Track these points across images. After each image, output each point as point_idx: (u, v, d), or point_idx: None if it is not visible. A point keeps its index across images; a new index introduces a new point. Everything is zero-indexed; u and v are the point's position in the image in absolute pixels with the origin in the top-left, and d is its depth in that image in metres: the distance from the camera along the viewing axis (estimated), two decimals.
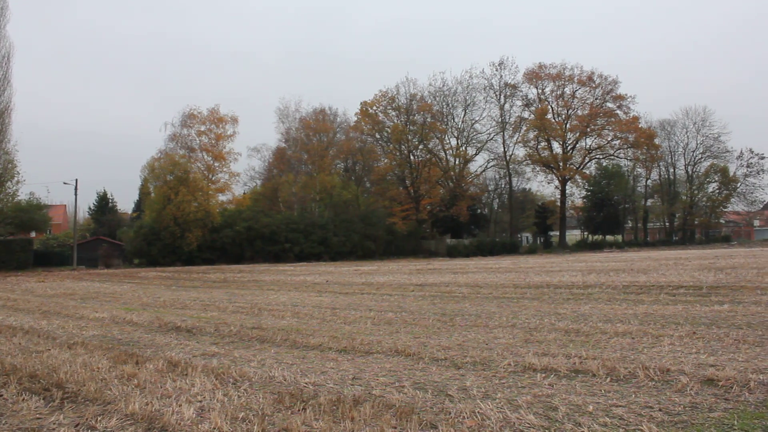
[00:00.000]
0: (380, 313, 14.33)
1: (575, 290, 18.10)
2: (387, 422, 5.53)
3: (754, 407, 5.69)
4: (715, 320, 11.12)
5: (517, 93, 76.82)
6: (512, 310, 13.91)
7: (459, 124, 75.96)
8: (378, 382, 7.18)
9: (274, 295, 20.64)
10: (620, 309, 13.33)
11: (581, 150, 78.14)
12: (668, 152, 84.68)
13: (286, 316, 14.49)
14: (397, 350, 9.13)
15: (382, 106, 73.22)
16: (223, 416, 5.81)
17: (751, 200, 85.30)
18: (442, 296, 18.12)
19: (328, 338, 10.55)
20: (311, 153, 68.51)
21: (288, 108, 70.47)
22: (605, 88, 76.12)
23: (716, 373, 6.85)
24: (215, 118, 63.26)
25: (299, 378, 7.41)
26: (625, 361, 7.72)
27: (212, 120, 63.22)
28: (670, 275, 21.97)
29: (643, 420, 5.38)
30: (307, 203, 69.02)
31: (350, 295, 19.99)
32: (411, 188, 71.92)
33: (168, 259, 57.29)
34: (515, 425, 5.36)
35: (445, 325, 11.91)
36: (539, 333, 10.41)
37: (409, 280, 25.95)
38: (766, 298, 14.24)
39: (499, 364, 7.88)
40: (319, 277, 30.86)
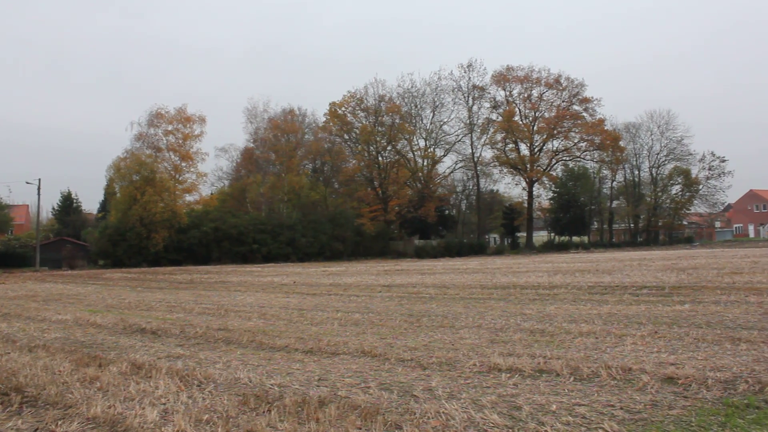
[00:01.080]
0: (347, 314, 14.33)
1: (541, 291, 18.27)
2: (352, 423, 5.53)
3: (712, 404, 5.81)
4: (676, 320, 11.31)
5: (485, 95, 77.32)
6: (479, 310, 14.00)
7: (427, 125, 76.27)
8: (344, 383, 7.18)
9: (240, 297, 20.51)
10: (585, 309, 13.49)
11: (548, 152, 78.88)
12: (633, 155, 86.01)
13: (252, 317, 14.42)
14: (363, 351, 9.14)
15: (350, 107, 73.15)
16: (187, 419, 5.76)
17: (713, 202, 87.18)
18: (410, 297, 18.16)
19: (295, 339, 10.52)
20: (279, 153, 68.20)
21: (256, 108, 70.22)
22: (572, 91, 76.98)
23: (676, 372, 6.98)
24: (182, 118, 62.62)
25: (265, 379, 7.38)
26: (588, 361, 7.81)
27: (179, 119, 62.57)
28: (634, 276, 22.28)
29: (604, 418, 5.45)
30: (275, 204, 68.66)
31: (317, 296, 19.95)
32: (379, 189, 71.95)
33: (134, 260, 56.61)
34: (479, 425, 5.40)
35: (411, 325, 11.95)
36: (505, 333, 10.49)
37: (377, 280, 25.96)
38: (725, 297, 14.52)
39: (464, 364, 7.93)
40: (286, 278, 30.72)
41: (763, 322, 10.62)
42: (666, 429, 5.15)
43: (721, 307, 12.94)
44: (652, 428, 5.19)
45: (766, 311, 11.91)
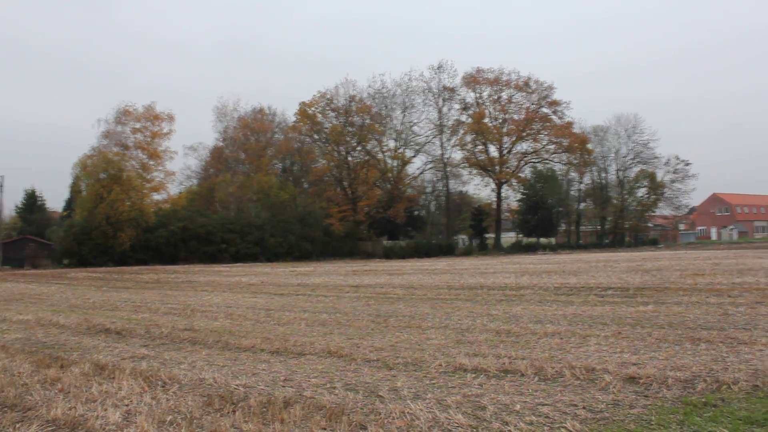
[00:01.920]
0: (314, 314, 14.31)
1: (508, 291, 18.41)
2: (317, 424, 5.54)
3: (671, 403, 5.91)
4: (639, 320, 11.47)
5: (455, 96, 77.56)
6: (446, 311, 14.06)
7: (397, 126, 76.25)
8: (309, 383, 7.17)
9: (207, 296, 20.37)
10: (550, 310, 13.62)
11: (517, 154, 79.46)
12: (600, 157, 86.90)
13: (219, 317, 14.33)
14: (329, 351, 9.14)
15: (320, 107, 72.91)
16: (150, 420, 5.71)
17: (677, 205, 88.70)
18: (377, 297, 18.18)
19: (261, 340, 10.48)
20: (249, 153, 67.85)
21: (226, 107, 69.78)
22: (541, 94, 77.60)
23: (638, 372, 7.09)
24: (151, 116, 61.90)
25: (230, 380, 7.34)
26: (552, 361, 7.90)
27: (148, 117, 61.84)
28: (600, 277, 22.56)
29: (567, 418, 5.52)
30: (243, 203, 68.20)
31: (285, 296, 19.88)
32: (349, 189, 71.86)
33: (99, 259, 55.77)
34: (444, 425, 5.43)
35: (378, 326, 11.97)
36: (471, 334, 10.56)
37: (345, 281, 25.95)
38: (687, 298, 14.77)
39: (430, 364, 7.97)
40: (254, 278, 30.57)
41: (722, 322, 10.83)
42: (627, 428, 5.23)
43: (683, 308, 13.16)
44: (614, 427, 5.26)
45: (725, 312, 12.14)
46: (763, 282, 18.05)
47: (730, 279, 19.53)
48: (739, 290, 16.10)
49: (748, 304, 13.24)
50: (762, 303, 13.39)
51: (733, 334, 9.56)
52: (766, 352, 8.06)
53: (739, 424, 5.19)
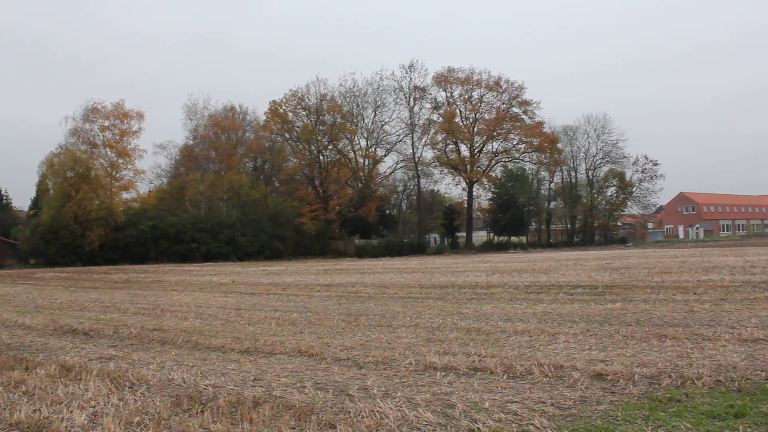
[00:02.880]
0: (285, 313, 14.28)
1: (479, 290, 18.52)
2: (286, 423, 5.53)
3: (637, 399, 6.00)
4: (607, 318, 11.62)
5: (427, 96, 77.62)
6: (416, 309, 14.11)
7: (369, 125, 76.15)
8: (279, 382, 7.16)
9: (178, 296, 20.22)
10: (521, 308, 13.74)
11: (488, 153, 79.77)
12: (570, 157, 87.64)
13: (189, 317, 14.25)
14: (300, 351, 9.13)
15: (291, 106, 72.58)
16: (116, 421, 5.66)
17: (645, 204, 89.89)
18: (348, 296, 18.19)
19: (231, 339, 10.44)
20: (219, 151, 67.31)
21: (196, 105, 69.01)
22: (511, 94, 77.99)
23: (605, 368, 7.18)
24: (120, 113, 61.19)
25: (199, 380, 7.30)
26: (522, 359, 7.97)
27: (117, 115, 61.13)
28: (569, 275, 22.78)
29: (535, 415, 5.57)
30: (214, 202, 67.69)
31: (256, 295, 19.81)
32: (320, 188, 71.65)
33: (67, 259, 54.97)
34: (413, 423, 5.45)
35: (349, 325, 11.98)
36: (442, 332, 10.61)
37: (316, 280, 25.91)
38: (654, 296, 15.00)
39: (400, 363, 7.99)
40: (225, 277, 30.39)
41: (687, 319, 11.01)
42: (593, 424, 5.29)
43: (650, 305, 13.37)
44: (581, 423, 5.32)
45: (691, 309, 12.35)
46: (727, 279, 18.38)
47: (696, 276, 19.84)
48: (705, 287, 16.38)
49: (712, 301, 13.49)
50: (726, 300, 13.66)
51: (697, 330, 9.73)
52: (729, 348, 8.22)
53: (701, 419, 5.28)
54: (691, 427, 5.07)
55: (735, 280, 17.97)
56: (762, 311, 11.66)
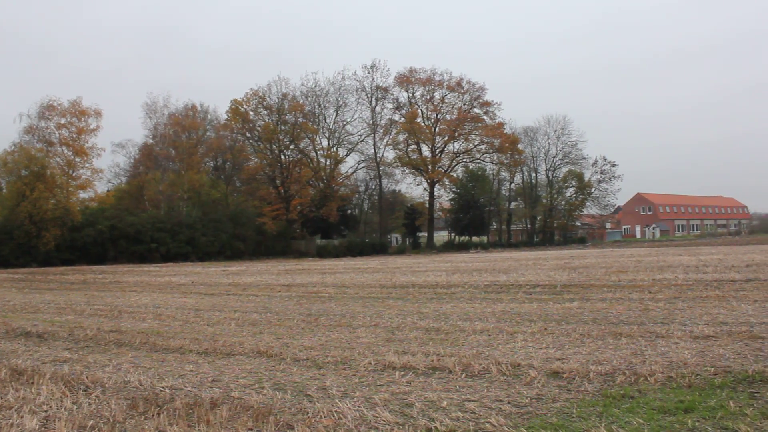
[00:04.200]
0: (245, 314, 14.20)
1: (439, 290, 18.62)
2: (243, 424, 5.50)
3: (592, 396, 6.10)
4: (565, 317, 11.78)
5: (388, 96, 77.79)
6: (377, 309, 14.14)
7: (330, 125, 76.01)
8: (238, 383, 7.12)
9: (136, 297, 19.96)
10: (480, 307, 13.85)
11: (449, 153, 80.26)
12: (531, 157, 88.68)
13: (147, 318, 14.08)
14: (259, 351, 9.09)
15: (253, 105, 72.05)
16: (69, 426, 5.57)
17: (604, 204, 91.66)
18: (309, 296, 18.15)
19: (190, 340, 10.35)
20: (180, 150, 66.48)
21: (156, 103, 67.99)
22: (473, 94, 78.61)
23: (561, 366, 7.29)
24: (77, 111, 59.90)
25: (156, 382, 7.22)
26: (480, 358, 8.04)
27: (73, 113, 59.82)
28: (529, 275, 23.03)
29: (492, 413, 5.62)
30: (174, 202, 66.83)
31: (216, 296, 19.65)
32: (281, 188, 71.29)
33: (22, 260, 53.68)
34: (371, 423, 5.47)
35: (309, 325, 11.96)
36: (401, 332, 10.65)
37: (277, 280, 25.79)
38: (611, 295, 15.26)
39: (359, 363, 8.00)
40: (185, 277, 30.07)
41: (642, 317, 11.22)
42: (549, 421, 5.36)
43: (607, 304, 13.59)
44: (537, 421, 5.39)
45: (645, 307, 12.59)
46: (681, 278, 18.77)
47: (651, 275, 20.22)
48: (659, 286, 16.71)
49: (666, 300, 13.76)
50: (679, 298, 13.95)
51: (652, 328, 9.92)
52: (681, 345, 8.40)
53: (653, 414, 5.40)
54: (643, 423, 5.17)
55: (688, 279, 18.36)
56: (713, 309, 11.94)
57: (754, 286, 15.85)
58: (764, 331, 9.15)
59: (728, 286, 15.94)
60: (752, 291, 14.71)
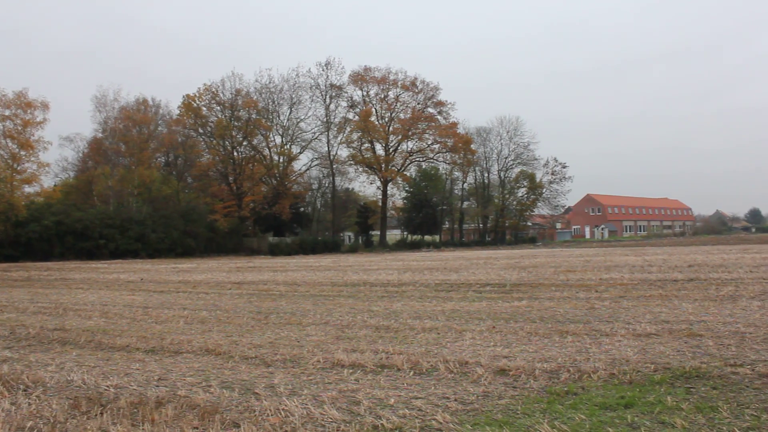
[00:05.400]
0: (194, 311, 14.06)
1: (390, 288, 18.69)
2: (189, 423, 5.46)
3: (537, 393, 6.22)
4: (513, 315, 11.95)
5: (343, 94, 77.58)
6: (327, 307, 14.14)
7: (284, 122, 75.43)
8: (184, 382, 7.06)
9: (82, 294, 19.57)
10: (430, 306, 13.96)
11: (402, 152, 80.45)
12: (483, 158, 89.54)
13: (93, 316, 13.83)
14: (207, 349, 9.02)
15: (206, 100, 71.14)
16: (7, 427, 5.44)
17: (555, 205, 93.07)
18: (260, 294, 18.04)
19: (137, 338, 10.21)
20: (130, 145, 65.26)
21: (106, 96, 66.60)
22: (427, 94, 78.98)
23: (508, 364, 7.40)
24: (22, 103, 58.26)
25: (100, 381, 7.11)
26: (428, 356, 8.10)
27: (18, 104, 58.24)
28: (479, 274, 23.26)
29: (438, 410, 5.69)
30: (124, 198, 65.63)
31: (165, 293, 19.39)
32: (234, 185, 70.57)
33: None
34: (318, 420, 5.48)
35: (259, 323, 11.90)
36: (351, 330, 10.68)
37: (228, 278, 25.57)
38: (558, 294, 15.53)
39: (308, 361, 8.00)
40: (133, 275, 29.58)
41: (588, 316, 11.45)
42: (494, 418, 5.44)
43: (554, 302, 13.83)
44: (482, 417, 5.47)
45: (592, 306, 12.85)
46: (626, 277, 19.20)
47: (599, 275, 20.64)
48: (606, 285, 17.08)
49: (612, 298, 14.07)
50: (624, 297, 14.28)
51: (597, 326, 10.14)
52: (624, 343, 8.61)
53: (595, 410, 5.53)
54: (585, 418, 5.29)
55: (633, 278, 18.80)
56: (656, 307, 12.26)
57: (695, 285, 16.34)
58: (702, 329, 9.44)
59: (671, 286, 16.39)
60: (693, 290, 15.16)
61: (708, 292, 14.73)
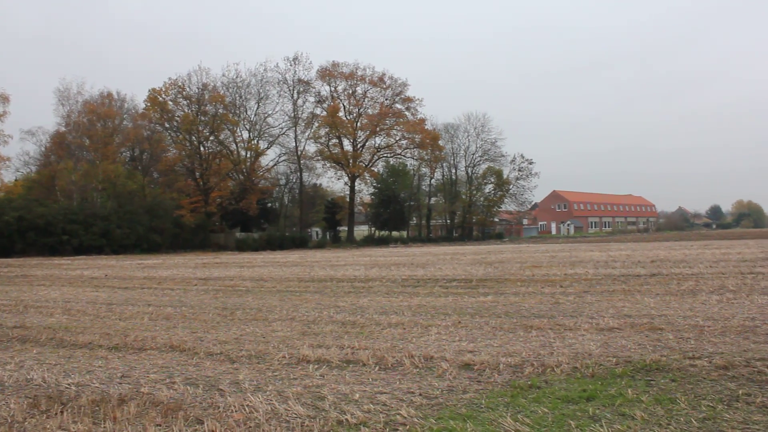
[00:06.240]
0: (159, 308, 13.92)
1: (357, 284, 18.70)
2: (152, 420, 5.40)
3: (501, 387, 6.27)
4: (479, 310, 12.03)
5: (311, 89, 77.42)
6: (293, 303, 14.10)
7: (251, 117, 75.00)
8: (148, 379, 6.99)
9: (44, 291, 19.25)
10: (396, 301, 13.99)
11: (370, 148, 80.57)
12: (451, 154, 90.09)
13: (55, 313, 13.61)
14: (172, 346, 8.95)
15: (172, 94, 70.38)
16: None
17: (521, 201, 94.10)
18: (226, 290, 17.93)
19: (100, 335, 10.09)
20: (94, 139, 64.34)
21: (69, 90, 65.51)
22: (395, 90, 79.20)
23: (473, 358, 7.44)
24: None
25: (61, 379, 7.01)
26: (394, 351, 8.12)
27: None
28: (446, 269, 23.36)
29: (403, 405, 5.70)
30: (88, 193, 64.70)
31: (130, 289, 19.17)
32: (200, 180, 69.98)
33: None
34: (282, 416, 5.46)
35: (224, 319, 11.83)
36: (317, 325, 10.66)
37: (194, 274, 25.37)
38: (524, 289, 15.67)
39: (274, 356, 7.98)
40: (98, 271, 29.19)
41: (552, 311, 11.58)
42: (458, 412, 5.47)
43: (520, 297, 13.95)
44: (446, 411, 5.49)
45: (556, 301, 13.00)
46: (591, 273, 19.45)
47: (564, 270, 20.87)
48: (570, 281, 17.27)
49: (576, 294, 14.24)
50: (588, 292, 14.46)
51: (561, 321, 10.25)
52: (587, 337, 8.72)
53: (557, 403, 5.59)
54: (548, 412, 5.35)
55: (598, 274, 19.05)
56: (619, 302, 12.44)
57: (657, 280, 16.61)
58: (663, 323, 9.61)
59: (634, 281, 16.63)
60: (655, 285, 15.40)
61: (669, 286, 14.98)
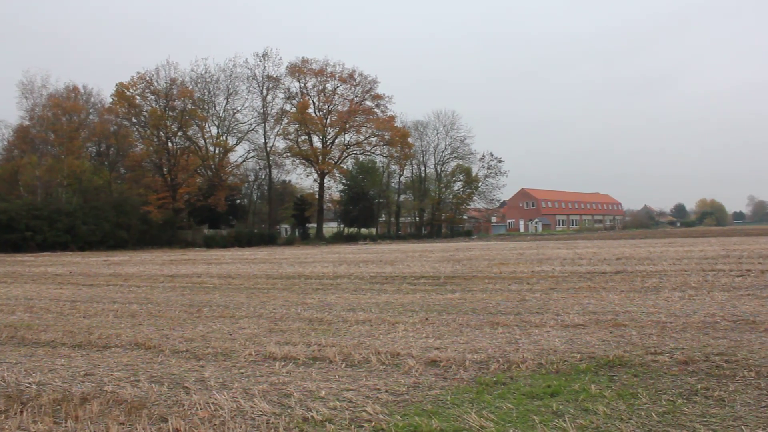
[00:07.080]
0: (125, 305, 13.78)
1: (325, 281, 18.68)
2: (115, 419, 5.35)
3: (466, 383, 6.31)
4: (446, 307, 12.09)
5: (280, 86, 76.91)
6: (261, 300, 14.06)
7: (220, 112, 74.34)
8: (112, 377, 6.91)
9: (6, 288, 18.93)
10: (364, 298, 14.01)
11: (340, 145, 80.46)
12: (420, 151, 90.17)
13: (17, 311, 13.39)
14: (137, 343, 8.86)
15: (139, 89, 69.46)
16: None
17: (490, 199, 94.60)
18: (193, 287, 17.79)
19: (63, 333, 9.95)
20: (60, 134, 63.29)
21: (33, 83, 64.34)
22: (365, 87, 79.07)
23: (439, 355, 7.49)
24: None
25: (22, 378, 6.90)
26: (361, 348, 8.14)
27: None
28: (414, 266, 23.44)
29: (369, 401, 5.72)
30: (52, 188, 63.67)
31: (95, 287, 18.93)
32: (168, 176, 69.17)
33: None
34: (248, 413, 5.44)
35: (191, 316, 11.74)
36: (284, 323, 10.63)
37: (161, 270, 25.13)
38: (491, 286, 15.78)
39: (240, 354, 7.95)
40: (62, 267, 28.77)
41: (519, 308, 11.68)
42: (424, 408, 5.51)
43: (487, 294, 14.04)
44: (412, 408, 5.53)
45: (523, 298, 13.11)
46: (557, 270, 19.65)
47: (531, 268, 21.06)
48: (537, 278, 17.43)
49: (543, 291, 14.38)
50: (554, 289, 14.61)
51: (527, 318, 10.34)
52: (553, 333, 8.82)
53: (522, 399, 5.66)
54: (513, 407, 5.41)
55: (564, 271, 19.26)
56: (584, 299, 12.59)
57: (622, 277, 16.84)
58: (627, 320, 9.76)
59: (599, 278, 16.86)
60: (620, 282, 15.62)
61: (634, 283, 15.20)
